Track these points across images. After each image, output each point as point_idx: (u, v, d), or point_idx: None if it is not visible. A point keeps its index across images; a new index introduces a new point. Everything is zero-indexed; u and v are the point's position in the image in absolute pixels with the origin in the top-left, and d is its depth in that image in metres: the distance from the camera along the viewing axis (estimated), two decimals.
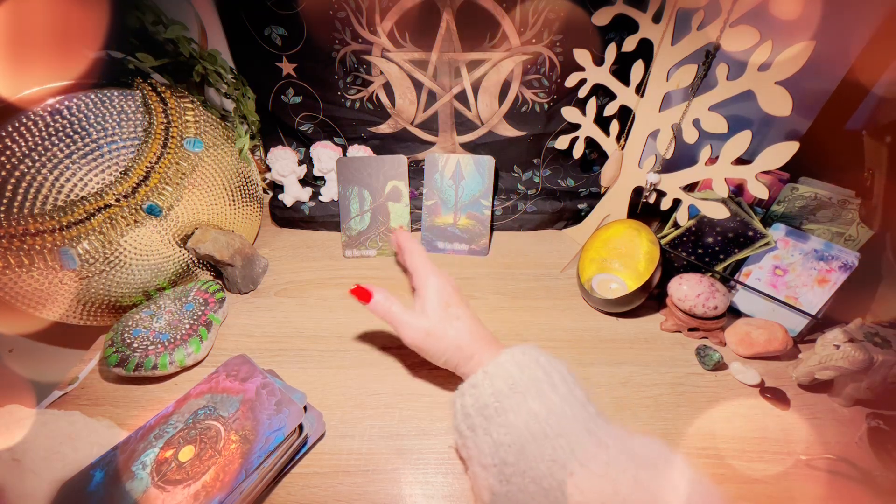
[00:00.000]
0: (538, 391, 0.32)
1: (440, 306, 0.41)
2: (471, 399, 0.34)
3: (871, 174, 0.54)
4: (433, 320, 0.40)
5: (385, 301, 0.42)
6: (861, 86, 0.60)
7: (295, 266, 0.64)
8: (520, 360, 0.35)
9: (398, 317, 0.41)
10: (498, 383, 0.33)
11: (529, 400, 0.32)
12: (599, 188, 0.72)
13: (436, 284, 0.42)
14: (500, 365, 0.34)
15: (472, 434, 0.34)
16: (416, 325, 0.40)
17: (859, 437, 0.42)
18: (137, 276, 0.52)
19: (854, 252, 0.50)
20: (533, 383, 0.33)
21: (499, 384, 0.33)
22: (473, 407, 0.34)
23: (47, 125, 0.45)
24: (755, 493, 0.38)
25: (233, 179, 0.60)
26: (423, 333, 0.40)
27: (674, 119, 0.54)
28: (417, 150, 0.71)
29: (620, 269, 0.58)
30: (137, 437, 0.37)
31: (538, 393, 0.32)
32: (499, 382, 0.33)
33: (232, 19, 0.62)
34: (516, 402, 0.32)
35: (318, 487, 0.38)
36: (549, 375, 0.33)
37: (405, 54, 0.63)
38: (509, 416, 0.32)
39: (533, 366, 0.34)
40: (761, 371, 0.48)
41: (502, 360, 0.35)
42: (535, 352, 0.35)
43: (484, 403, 0.33)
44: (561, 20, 0.60)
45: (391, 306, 0.42)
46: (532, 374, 0.33)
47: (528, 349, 0.36)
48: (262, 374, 0.41)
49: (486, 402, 0.33)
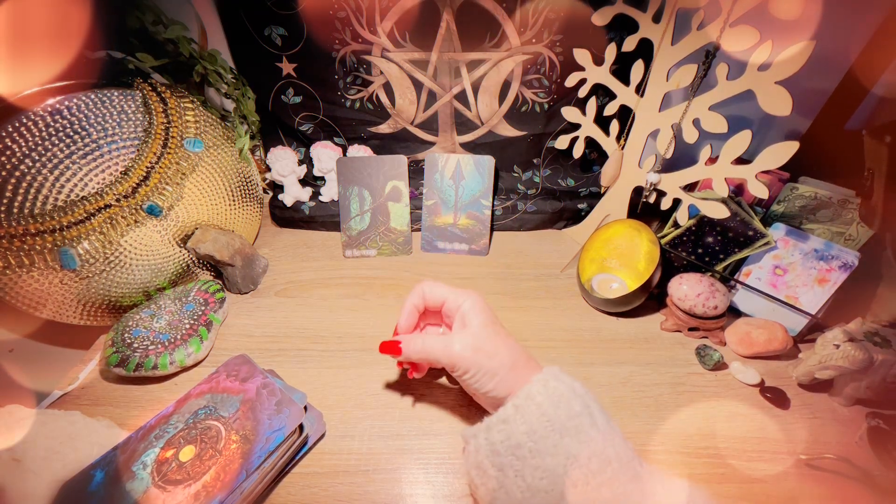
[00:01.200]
0: (577, 429, 0.30)
1: (484, 323, 0.37)
2: (500, 436, 0.31)
3: (871, 174, 0.54)
4: (480, 336, 0.36)
5: (414, 339, 0.38)
6: (861, 86, 0.60)
7: (295, 266, 0.64)
8: (553, 389, 0.32)
9: (435, 344, 0.37)
10: (532, 420, 0.30)
11: (567, 440, 0.29)
12: (599, 188, 0.72)
13: (473, 303, 0.39)
14: (532, 398, 0.31)
15: (499, 474, 0.31)
16: (462, 341, 0.36)
17: (859, 436, 0.42)
18: (137, 276, 0.52)
19: (854, 252, 0.50)
20: (571, 420, 0.30)
21: (533, 421, 0.30)
22: (504, 445, 0.31)
23: (47, 125, 0.45)
24: (755, 493, 0.38)
25: (233, 179, 0.60)
26: (471, 350, 0.35)
27: (674, 119, 0.54)
28: (417, 150, 0.71)
29: (620, 269, 0.58)
30: (138, 437, 0.37)
31: (577, 431, 0.30)
32: (532, 419, 0.30)
33: (232, 19, 0.62)
34: (553, 442, 0.29)
35: (318, 487, 0.38)
36: (587, 408, 0.31)
37: (405, 54, 0.63)
38: (546, 460, 0.29)
39: (570, 397, 0.31)
40: (761, 371, 0.48)
41: (534, 391, 0.32)
42: (569, 379, 0.33)
43: (517, 443, 0.30)
44: (561, 20, 0.60)
45: (422, 341, 0.38)
46: (569, 408, 0.31)
47: (562, 375, 0.33)
48: (262, 374, 0.41)
49: (520, 442, 0.30)
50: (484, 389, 0.35)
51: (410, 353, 0.38)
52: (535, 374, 0.34)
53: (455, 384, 0.47)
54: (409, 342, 0.38)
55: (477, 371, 0.35)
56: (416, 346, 0.38)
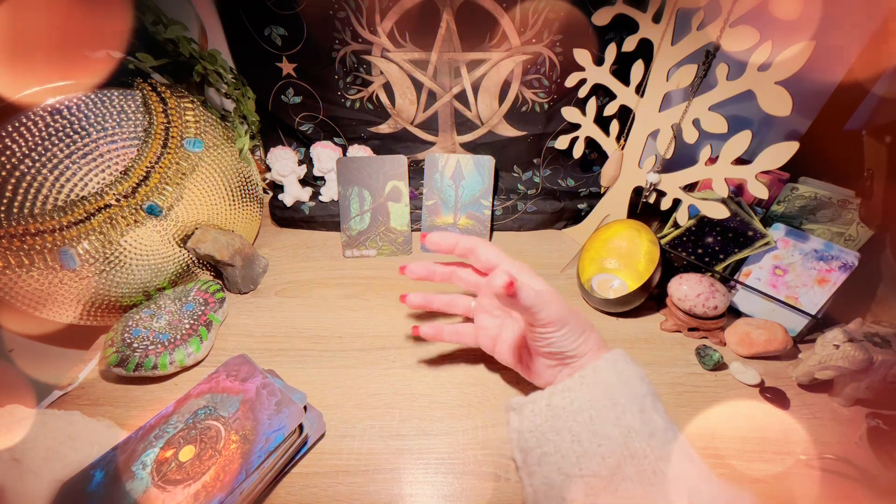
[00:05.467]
0: (640, 409, 0.30)
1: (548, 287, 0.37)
2: (563, 402, 0.32)
3: (870, 174, 0.54)
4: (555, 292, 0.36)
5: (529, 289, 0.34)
6: (861, 86, 0.60)
7: (295, 266, 0.64)
8: (621, 369, 0.32)
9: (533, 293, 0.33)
10: (597, 392, 0.31)
11: (629, 416, 0.30)
12: (599, 188, 0.72)
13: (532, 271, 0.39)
14: (599, 372, 0.32)
15: (556, 437, 0.31)
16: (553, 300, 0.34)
17: (859, 437, 0.42)
18: (137, 276, 0.52)
19: (854, 252, 0.50)
20: (635, 400, 0.31)
21: (598, 393, 0.31)
22: (565, 409, 0.31)
23: (47, 125, 0.45)
24: (755, 493, 0.38)
25: (233, 179, 0.60)
26: (567, 309, 0.35)
27: (674, 119, 0.54)
28: (417, 150, 0.71)
29: (620, 269, 0.58)
30: (137, 437, 0.37)
31: (640, 410, 0.30)
32: (598, 391, 0.31)
33: (232, 19, 0.62)
34: (615, 415, 0.30)
35: (318, 487, 0.38)
36: (652, 394, 0.31)
37: (405, 54, 0.63)
38: (607, 428, 0.29)
39: (636, 380, 0.32)
40: (761, 371, 0.48)
41: (601, 366, 0.32)
42: (637, 366, 0.33)
43: (578, 408, 0.31)
44: (561, 20, 0.60)
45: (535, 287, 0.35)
46: (635, 389, 0.31)
47: (630, 360, 0.33)
48: (262, 374, 0.41)
49: (581, 407, 0.31)
50: (569, 347, 0.35)
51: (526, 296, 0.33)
52: (602, 344, 0.35)
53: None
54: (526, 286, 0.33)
55: (571, 329, 0.35)
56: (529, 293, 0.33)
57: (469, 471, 0.40)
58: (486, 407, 0.45)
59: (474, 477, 0.39)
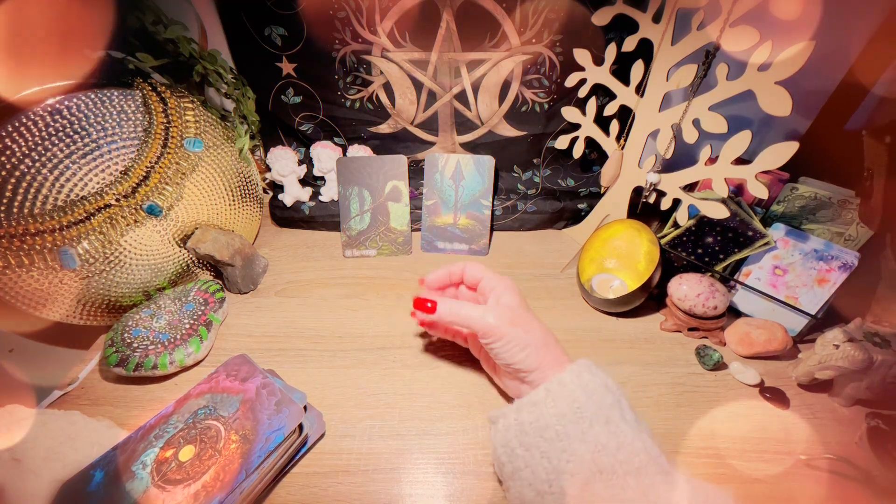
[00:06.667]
0: (607, 419, 0.30)
1: (519, 303, 0.38)
2: (529, 416, 0.32)
3: (870, 174, 0.54)
4: (517, 312, 0.37)
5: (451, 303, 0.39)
6: (861, 86, 0.60)
7: (295, 266, 0.64)
8: (587, 381, 0.32)
9: (472, 312, 0.37)
10: (562, 405, 0.31)
11: (597, 429, 0.29)
12: (599, 188, 0.72)
13: (508, 285, 0.40)
14: (564, 385, 0.32)
15: (525, 453, 0.31)
16: (498, 314, 0.37)
17: (859, 437, 0.42)
18: (137, 276, 0.52)
19: (854, 252, 0.50)
20: (601, 411, 0.30)
21: (563, 407, 0.31)
22: (532, 425, 0.31)
23: (47, 125, 0.45)
24: (755, 493, 0.38)
25: (233, 179, 0.60)
26: (508, 322, 0.36)
27: (674, 119, 0.54)
28: (417, 150, 0.71)
29: (620, 269, 0.58)
30: (137, 437, 0.37)
31: (607, 422, 0.30)
32: (563, 405, 0.31)
33: (232, 19, 0.62)
34: (581, 429, 0.30)
35: (318, 487, 0.38)
36: (618, 402, 0.31)
37: (405, 54, 0.63)
38: (574, 444, 0.29)
39: (601, 390, 0.32)
40: (761, 371, 0.48)
41: (566, 379, 0.32)
42: (602, 374, 0.33)
43: (545, 424, 0.31)
44: (561, 20, 0.60)
45: (459, 307, 0.38)
46: (601, 400, 0.31)
47: (595, 370, 0.33)
48: (262, 373, 0.41)
49: (548, 424, 0.31)
50: (513, 360, 0.36)
51: (444, 314, 0.39)
52: (563, 359, 0.36)
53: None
54: (446, 305, 0.39)
55: (509, 341, 0.36)
56: (451, 309, 0.38)
57: (469, 471, 0.40)
58: (486, 407, 0.45)
59: (474, 477, 0.39)
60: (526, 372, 0.36)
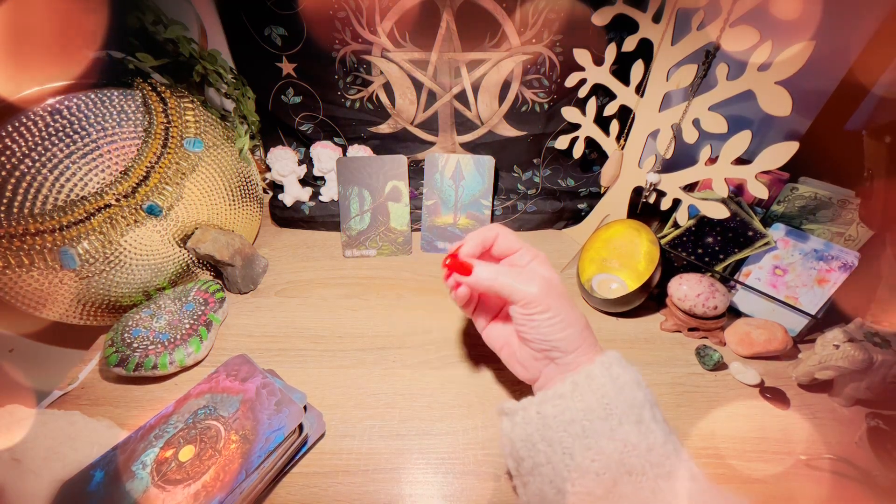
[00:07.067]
0: (638, 419, 0.28)
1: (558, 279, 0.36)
2: (553, 410, 0.30)
3: (870, 174, 0.54)
4: (559, 286, 0.34)
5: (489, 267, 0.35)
6: (861, 86, 0.60)
7: (295, 266, 0.64)
8: (617, 375, 0.30)
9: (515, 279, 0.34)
10: (590, 400, 0.29)
11: (627, 428, 0.28)
12: (599, 188, 0.72)
13: (544, 260, 0.37)
14: (593, 378, 0.30)
15: (547, 448, 0.29)
16: (540, 282, 0.33)
17: (859, 437, 0.42)
18: (137, 276, 0.52)
19: (854, 252, 0.50)
20: (632, 409, 0.29)
21: (591, 401, 0.29)
22: (556, 419, 0.30)
23: (47, 125, 0.45)
24: (755, 493, 0.38)
25: (233, 179, 0.60)
26: (556, 293, 0.34)
27: (674, 119, 0.54)
28: (417, 150, 0.71)
29: (620, 269, 0.58)
30: (137, 437, 0.37)
31: (638, 421, 0.28)
32: (591, 399, 0.29)
33: (232, 19, 0.62)
34: (610, 426, 0.28)
35: (318, 487, 0.38)
36: (649, 400, 0.30)
37: (405, 54, 0.63)
38: (601, 442, 0.28)
39: (632, 386, 0.30)
40: (761, 371, 0.48)
41: (595, 372, 0.31)
42: (633, 369, 0.31)
43: (570, 419, 0.29)
44: (561, 20, 0.60)
45: (497, 272, 0.35)
46: (632, 397, 0.29)
47: (625, 363, 0.32)
48: (262, 373, 0.41)
49: (574, 418, 0.29)
50: (554, 337, 0.33)
51: (482, 279, 0.35)
52: (597, 346, 0.33)
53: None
54: (484, 268, 0.35)
55: (555, 315, 0.33)
56: (489, 275, 0.35)
57: (469, 471, 0.40)
58: (486, 407, 0.45)
59: (474, 477, 0.39)
60: (563, 352, 0.33)
